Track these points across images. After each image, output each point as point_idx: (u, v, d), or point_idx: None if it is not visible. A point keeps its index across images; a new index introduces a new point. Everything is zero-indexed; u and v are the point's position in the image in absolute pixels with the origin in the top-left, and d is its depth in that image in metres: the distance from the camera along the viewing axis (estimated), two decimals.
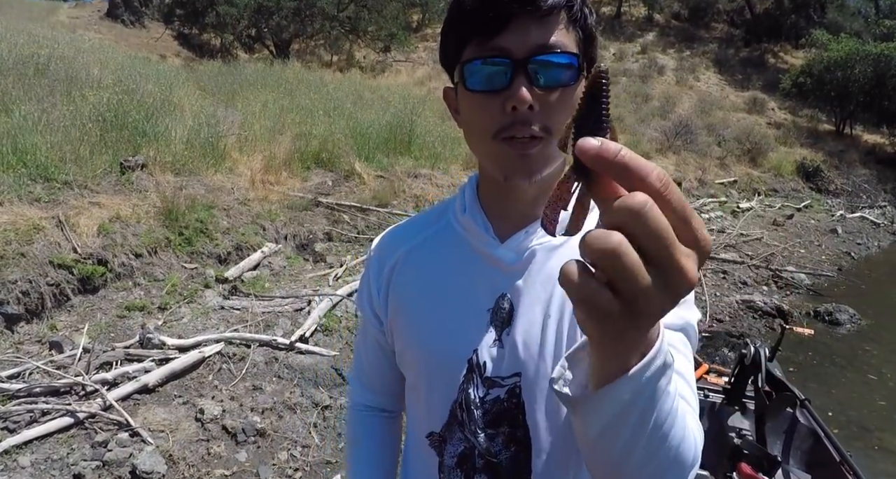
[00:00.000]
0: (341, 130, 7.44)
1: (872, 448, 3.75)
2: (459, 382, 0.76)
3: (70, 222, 3.80)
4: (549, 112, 0.66)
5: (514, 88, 0.64)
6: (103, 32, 16.48)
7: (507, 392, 0.74)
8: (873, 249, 9.64)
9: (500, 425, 0.76)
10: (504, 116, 0.66)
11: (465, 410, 0.77)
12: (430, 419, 0.81)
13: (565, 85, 0.66)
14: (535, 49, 0.64)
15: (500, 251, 0.75)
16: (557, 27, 0.66)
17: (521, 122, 0.65)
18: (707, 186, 11.43)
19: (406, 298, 0.82)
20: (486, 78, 0.66)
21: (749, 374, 2.45)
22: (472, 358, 0.75)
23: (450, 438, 0.79)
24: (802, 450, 2.40)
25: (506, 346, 0.74)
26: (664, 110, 16.04)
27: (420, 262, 0.82)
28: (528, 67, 0.64)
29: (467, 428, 0.77)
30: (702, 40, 24.00)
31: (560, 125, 0.66)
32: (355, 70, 16.31)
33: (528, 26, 0.64)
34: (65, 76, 6.60)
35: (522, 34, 0.64)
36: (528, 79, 0.64)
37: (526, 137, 0.66)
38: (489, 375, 0.75)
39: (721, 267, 6.76)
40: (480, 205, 0.79)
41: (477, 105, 0.68)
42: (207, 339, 3.30)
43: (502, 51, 0.65)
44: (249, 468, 2.56)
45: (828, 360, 5.04)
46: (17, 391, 2.66)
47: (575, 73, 0.67)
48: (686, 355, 0.68)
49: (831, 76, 16.23)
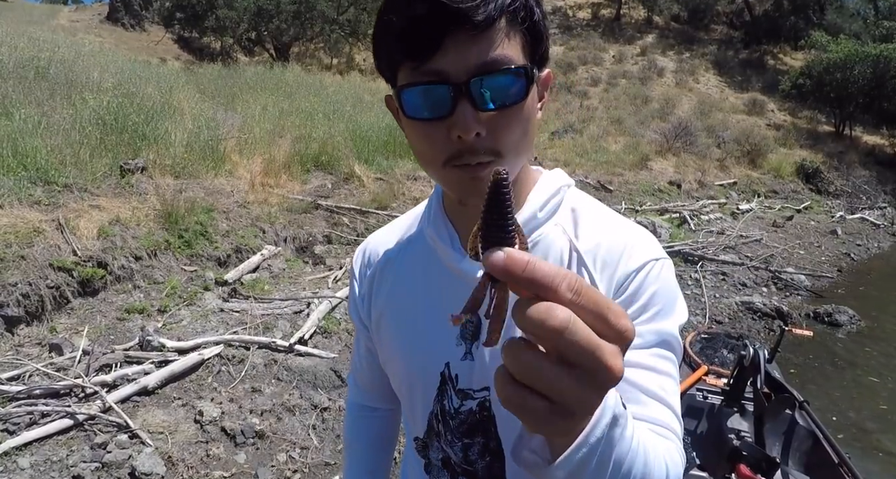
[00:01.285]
0: (341, 132, 7.46)
1: (871, 450, 3.75)
2: (434, 394, 0.77)
3: (70, 225, 3.81)
4: (497, 135, 0.60)
5: (457, 115, 0.58)
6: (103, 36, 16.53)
7: (478, 405, 0.74)
8: (873, 250, 9.64)
9: (474, 435, 0.76)
10: (450, 144, 0.60)
11: (440, 421, 0.78)
12: (414, 426, 0.83)
13: (514, 102, 0.60)
14: (475, 69, 0.57)
15: (464, 265, 0.72)
16: (497, 38, 0.58)
17: (469, 150, 0.60)
18: (707, 187, 11.44)
19: (384, 310, 0.82)
20: (425, 105, 0.60)
21: (748, 375, 2.45)
22: (444, 371, 0.75)
23: (430, 445, 0.81)
24: (801, 452, 2.39)
25: (476, 359, 0.73)
26: (664, 112, 16.06)
27: (395, 275, 0.82)
28: (470, 90, 0.57)
29: (443, 438, 0.79)
30: (701, 42, 24.05)
31: (512, 145, 0.62)
32: (355, 73, 16.35)
33: (465, 44, 0.57)
34: (65, 79, 6.62)
35: (459, 54, 0.57)
36: (473, 103, 0.58)
37: (473, 164, 0.61)
38: (461, 387, 0.74)
39: (720, 269, 6.77)
40: (447, 216, 0.77)
41: (420, 134, 0.62)
42: (207, 341, 3.31)
43: (439, 75, 0.57)
44: (248, 469, 2.56)
45: (827, 361, 5.04)
46: (17, 393, 2.66)
47: (523, 87, 0.60)
48: (666, 371, 0.66)
49: (831, 77, 16.26)
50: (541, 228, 0.72)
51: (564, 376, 0.34)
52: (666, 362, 0.67)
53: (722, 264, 6.93)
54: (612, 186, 9.66)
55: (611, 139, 12.98)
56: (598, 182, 9.63)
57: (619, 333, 0.35)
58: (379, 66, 0.65)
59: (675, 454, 0.60)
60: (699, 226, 8.61)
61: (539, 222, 0.72)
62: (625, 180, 10.21)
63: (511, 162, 0.63)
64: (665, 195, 10.25)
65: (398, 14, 0.57)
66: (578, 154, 10.76)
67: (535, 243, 0.71)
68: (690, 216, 8.79)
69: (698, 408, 2.56)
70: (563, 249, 0.71)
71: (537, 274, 0.33)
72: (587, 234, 0.72)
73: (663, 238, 7.34)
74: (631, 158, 11.23)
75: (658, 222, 7.72)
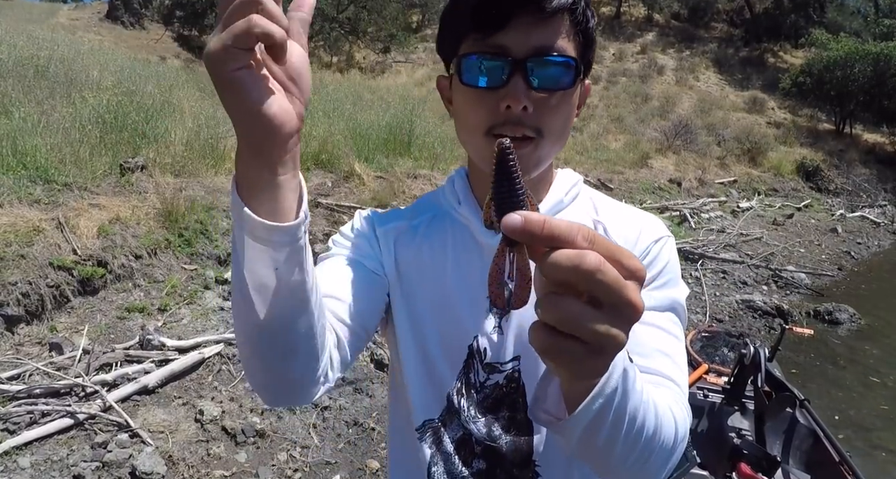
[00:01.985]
0: (341, 130, 7.44)
1: (872, 448, 3.75)
2: (460, 368, 0.77)
3: (70, 224, 3.80)
4: (543, 114, 0.66)
5: (509, 88, 0.64)
6: (103, 34, 16.50)
7: (505, 378, 0.76)
8: (873, 248, 9.64)
9: (499, 409, 0.77)
10: (497, 113, 0.66)
11: (464, 395, 0.77)
12: (427, 407, 0.80)
13: (562, 88, 0.66)
14: (534, 50, 0.64)
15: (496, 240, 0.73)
16: (559, 30, 0.65)
17: (514, 122, 0.65)
18: (707, 185, 11.43)
19: (407, 277, 0.80)
20: (482, 74, 0.66)
21: (749, 374, 2.45)
22: (473, 344, 0.76)
23: (448, 424, 0.79)
24: (802, 450, 2.39)
25: (506, 332, 0.75)
26: (664, 110, 16.04)
27: (422, 241, 0.81)
28: (526, 67, 0.64)
29: (465, 414, 0.78)
30: (701, 40, 24.01)
31: (553, 127, 0.68)
32: (355, 71, 16.34)
33: (530, 26, 0.64)
34: (64, 78, 6.61)
35: (523, 34, 0.64)
36: (525, 79, 0.64)
37: (517, 136, 0.66)
38: (489, 360, 0.76)
39: (721, 267, 6.76)
40: (475, 196, 0.80)
41: (471, 100, 0.68)
42: (207, 340, 3.30)
43: (501, 49, 0.64)
44: (249, 468, 2.56)
45: (827, 360, 5.04)
46: (18, 393, 2.66)
47: (572, 78, 0.67)
48: (675, 333, 0.72)
49: (831, 76, 16.24)
50: (566, 209, 0.79)
51: (599, 316, 0.37)
52: (675, 326, 0.73)
53: (722, 262, 6.93)
54: (612, 185, 9.65)
55: (611, 137, 12.96)
56: (599, 180, 9.62)
57: (633, 272, 0.38)
58: (442, 42, 0.72)
59: (680, 407, 0.64)
60: (699, 224, 8.60)
61: (564, 206, 0.79)
62: (625, 179, 10.20)
63: (549, 144, 0.69)
64: (665, 193, 10.24)
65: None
66: (578, 152, 10.75)
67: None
68: (691, 214, 8.79)
69: (699, 407, 2.56)
70: (589, 224, 0.77)
71: (555, 230, 0.36)
72: (607, 214, 0.80)
73: None
74: (631, 157, 11.22)
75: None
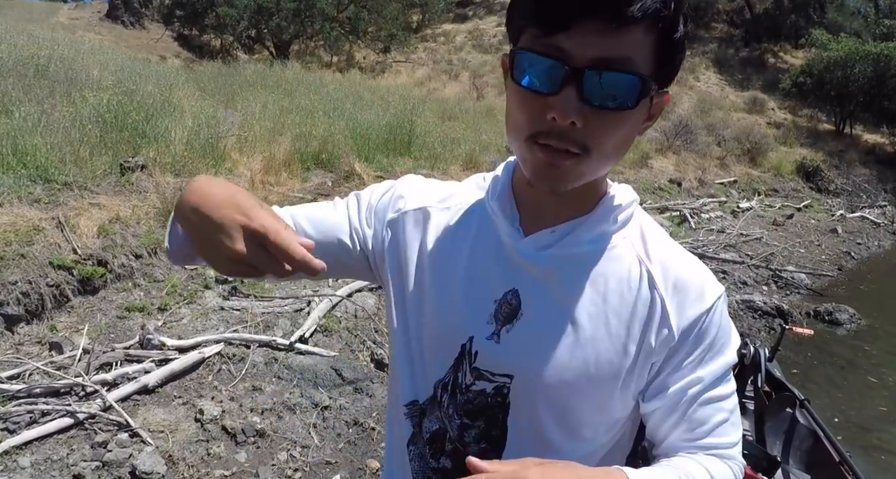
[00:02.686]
0: (341, 130, 7.44)
1: (872, 449, 3.75)
2: (451, 364, 0.75)
3: (70, 223, 3.80)
4: (593, 132, 0.58)
5: (560, 98, 0.57)
6: (103, 33, 16.50)
7: (494, 389, 0.72)
8: (873, 248, 9.65)
9: (476, 418, 0.74)
10: (543, 122, 0.59)
11: (448, 392, 0.76)
12: (415, 388, 0.79)
13: (622, 109, 0.58)
14: (595, 60, 0.56)
15: (521, 245, 0.71)
16: (635, 39, 0.56)
17: (559, 135, 0.59)
18: (707, 186, 11.43)
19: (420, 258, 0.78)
20: (534, 75, 0.58)
21: (748, 374, 2.45)
22: (466, 344, 0.73)
23: (429, 412, 0.78)
24: (802, 450, 2.39)
25: (501, 343, 0.71)
26: (664, 110, 16.01)
27: (447, 224, 0.79)
28: (583, 78, 0.56)
29: (444, 411, 0.76)
30: (701, 40, 24.00)
31: (603, 147, 0.60)
32: (355, 71, 16.33)
33: (599, 32, 0.54)
34: (65, 77, 6.61)
35: (587, 39, 0.55)
36: (579, 91, 0.56)
37: (561, 149, 0.59)
38: (478, 366, 0.73)
39: (721, 267, 6.76)
40: (514, 192, 0.75)
41: (519, 100, 0.61)
42: (207, 340, 3.30)
43: (560, 52, 0.56)
44: (249, 468, 2.56)
45: (828, 360, 5.04)
46: (17, 392, 2.66)
47: (635, 97, 0.58)
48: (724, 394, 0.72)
49: (831, 76, 16.22)
50: (611, 237, 0.72)
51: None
52: (726, 387, 0.72)
53: (722, 262, 6.93)
54: None
55: None
56: None
57: None
58: (509, 20, 0.64)
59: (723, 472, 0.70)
60: (699, 224, 8.60)
61: (610, 230, 0.72)
62: (625, 179, 10.20)
63: (595, 163, 0.62)
64: (665, 193, 10.24)
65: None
66: None
67: (602, 249, 0.71)
68: (691, 215, 8.79)
69: None
70: (633, 264, 0.71)
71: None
72: (656, 255, 0.71)
73: None
74: (631, 157, 11.20)
75: (658, 221, 7.71)
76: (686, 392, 0.70)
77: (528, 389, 0.71)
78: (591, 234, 0.71)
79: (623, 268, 0.70)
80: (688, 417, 0.70)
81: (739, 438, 0.73)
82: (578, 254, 0.70)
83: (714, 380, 0.70)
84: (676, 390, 0.70)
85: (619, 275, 0.70)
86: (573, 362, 0.69)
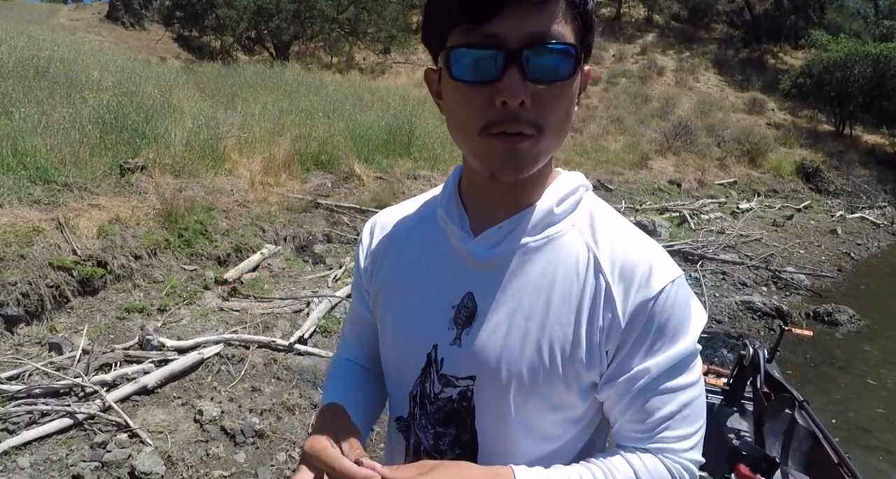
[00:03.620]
0: (341, 131, 7.45)
1: (871, 450, 3.75)
2: (417, 375, 0.76)
3: (70, 224, 3.80)
4: (542, 108, 0.61)
5: (505, 81, 0.58)
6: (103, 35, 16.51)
7: (458, 393, 0.73)
8: (873, 249, 9.64)
9: (448, 424, 0.75)
10: (492, 110, 0.60)
11: (418, 404, 0.77)
12: (398, 405, 0.82)
13: (562, 79, 0.61)
14: (530, 38, 0.58)
15: (471, 245, 0.72)
16: (555, 14, 0.59)
17: (511, 118, 0.60)
18: (707, 186, 11.43)
19: (385, 282, 0.81)
20: (474, 67, 0.60)
21: (748, 375, 2.45)
22: (431, 352, 0.74)
23: (412, 425, 0.80)
24: (801, 451, 2.39)
25: (463, 346, 0.71)
26: (664, 111, 16.05)
27: (400, 251, 0.81)
28: (522, 58, 0.58)
29: (418, 422, 0.78)
30: (701, 41, 24.02)
31: (554, 122, 0.63)
32: (355, 72, 16.35)
33: (524, 13, 0.58)
34: (65, 78, 6.61)
35: (517, 21, 0.58)
36: (522, 71, 0.58)
37: (515, 133, 0.61)
38: (445, 372, 0.73)
39: (720, 268, 6.77)
40: (461, 197, 0.76)
41: (462, 96, 0.62)
42: (206, 340, 3.30)
43: (494, 38, 0.58)
44: (248, 469, 2.56)
45: (827, 361, 5.04)
46: (17, 393, 2.66)
47: (573, 66, 0.61)
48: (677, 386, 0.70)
49: (831, 77, 16.24)
50: (557, 225, 0.71)
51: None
52: (682, 379, 0.70)
53: (722, 263, 6.93)
54: (611, 186, 9.65)
55: (611, 138, 12.97)
56: (598, 181, 9.62)
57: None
58: (427, 31, 0.66)
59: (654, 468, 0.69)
60: (699, 225, 8.61)
61: (555, 219, 0.71)
62: (625, 179, 10.21)
63: (548, 140, 0.64)
64: (665, 194, 10.24)
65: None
66: (578, 153, 10.75)
67: (549, 239, 0.71)
68: (690, 215, 8.79)
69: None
70: (581, 251, 0.71)
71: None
72: (604, 241, 0.71)
73: (663, 237, 7.34)
74: (631, 157, 11.23)
75: (658, 221, 7.72)
76: (635, 381, 0.68)
77: (488, 388, 0.71)
78: (536, 225, 0.71)
79: (570, 255, 0.70)
80: (636, 407, 0.69)
81: (691, 434, 0.70)
82: (525, 246, 0.70)
83: (666, 370, 0.68)
84: (626, 379, 0.68)
85: (567, 263, 0.70)
86: (525, 354, 0.69)
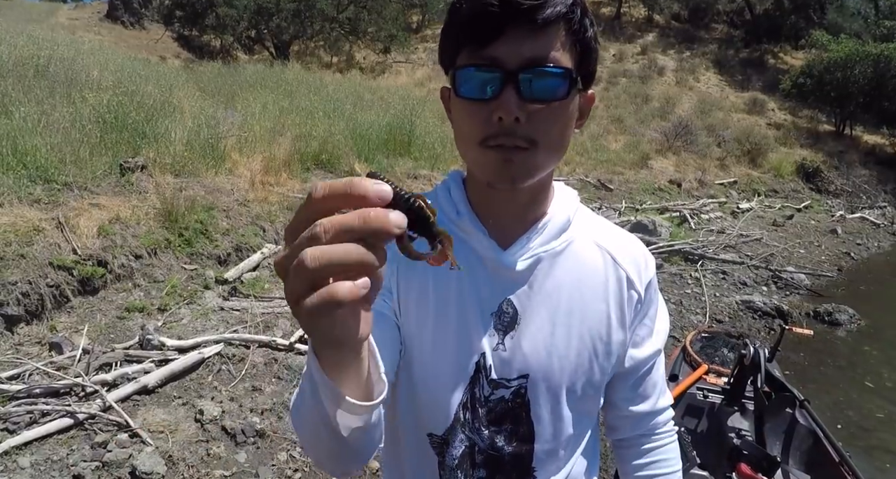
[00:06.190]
0: (341, 131, 7.44)
1: (872, 449, 3.75)
2: (466, 384, 0.78)
3: (70, 224, 3.80)
4: (535, 125, 0.67)
5: (501, 99, 0.65)
6: (103, 34, 16.51)
7: (512, 393, 0.78)
8: (873, 249, 9.64)
9: (503, 422, 0.80)
10: (491, 125, 0.67)
11: (469, 409, 0.79)
12: (432, 422, 0.81)
13: (556, 99, 0.67)
14: (526, 62, 0.65)
15: (504, 256, 0.77)
16: (553, 40, 0.65)
17: (507, 132, 0.66)
18: (707, 186, 11.43)
19: (412, 295, 0.80)
20: (476, 86, 0.67)
21: (748, 374, 2.45)
22: (480, 361, 0.78)
23: (452, 440, 0.80)
24: (802, 450, 2.39)
25: (510, 349, 0.77)
26: (664, 111, 16.05)
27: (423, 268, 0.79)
28: (518, 79, 0.65)
29: (470, 426, 0.80)
30: (702, 41, 24.02)
31: (548, 138, 0.69)
32: (355, 71, 16.34)
33: (523, 38, 0.64)
34: (64, 78, 6.61)
35: (516, 46, 0.64)
36: (517, 91, 0.65)
37: (511, 146, 0.67)
38: (495, 377, 0.78)
39: (721, 268, 6.77)
40: (471, 207, 0.80)
41: (466, 112, 0.69)
42: (207, 340, 3.30)
43: (494, 61, 0.65)
44: (249, 468, 2.56)
45: (827, 360, 5.04)
46: (17, 392, 2.66)
47: (567, 88, 0.67)
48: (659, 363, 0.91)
49: (831, 77, 16.25)
50: (570, 230, 0.81)
51: None
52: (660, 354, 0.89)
53: (722, 262, 6.93)
54: (612, 185, 9.65)
55: (611, 138, 12.97)
56: (599, 181, 9.63)
57: None
58: (441, 53, 0.73)
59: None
60: (699, 225, 8.61)
61: (569, 226, 0.81)
62: (625, 179, 10.21)
63: (544, 154, 0.70)
64: (665, 194, 10.24)
65: (470, 2, 0.66)
66: (578, 153, 10.75)
67: (568, 242, 0.81)
68: (691, 215, 8.79)
69: (699, 407, 2.56)
70: (594, 249, 0.83)
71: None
72: (608, 239, 0.84)
73: (663, 237, 7.34)
74: (631, 157, 11.23)
75: (658, 221, 7.71)
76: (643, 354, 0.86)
77: (541, 382, 0.78)
78: (557, 232, 0.80)
79: (588, 255, 0.82)
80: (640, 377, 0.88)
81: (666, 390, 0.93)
82: (551, 251, 0.79)
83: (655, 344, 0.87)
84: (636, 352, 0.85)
85: (587, 262, 0.81)
86: (572, 345, 0.79)
